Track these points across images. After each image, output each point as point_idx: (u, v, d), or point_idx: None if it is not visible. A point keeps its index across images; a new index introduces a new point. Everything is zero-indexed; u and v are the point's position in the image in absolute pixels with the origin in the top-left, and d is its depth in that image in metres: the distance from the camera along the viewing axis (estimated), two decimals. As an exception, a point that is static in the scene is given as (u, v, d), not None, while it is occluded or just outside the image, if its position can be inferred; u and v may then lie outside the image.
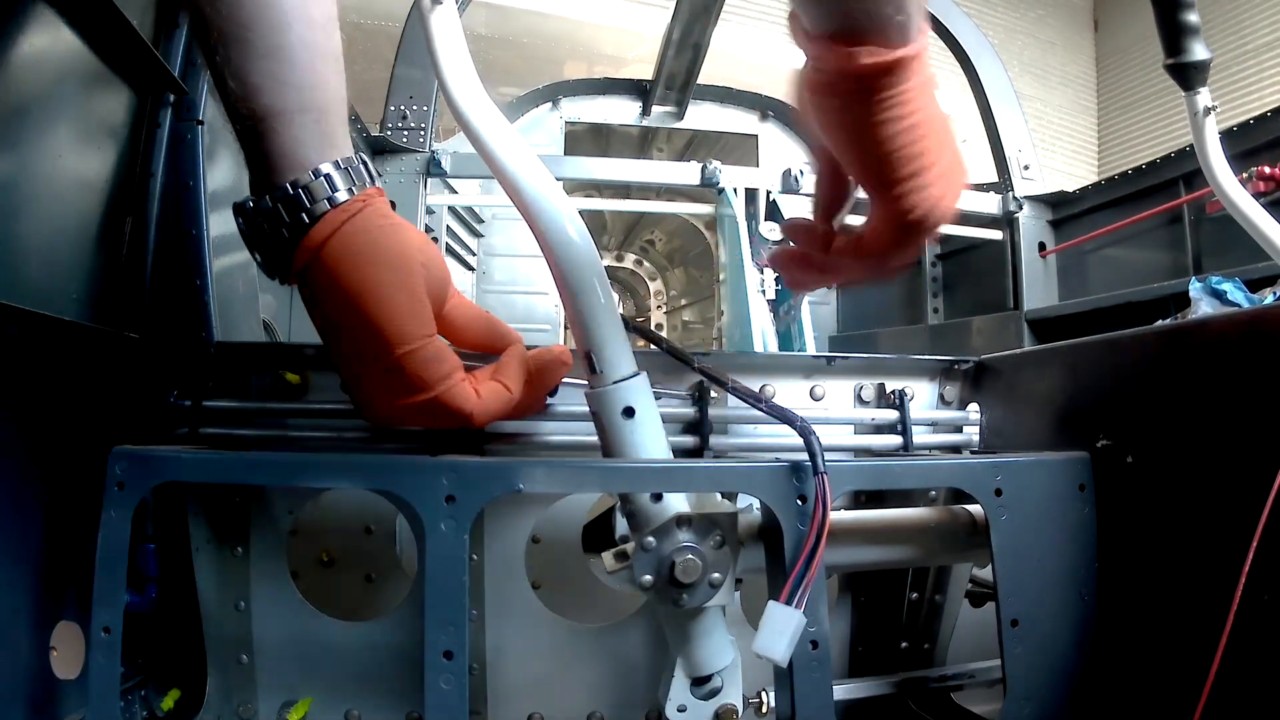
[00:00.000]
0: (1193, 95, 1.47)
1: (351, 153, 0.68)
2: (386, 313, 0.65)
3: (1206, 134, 1.48)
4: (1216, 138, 1.49)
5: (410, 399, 0.68)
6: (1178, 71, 1.44)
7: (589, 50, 5.05)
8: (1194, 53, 1.42)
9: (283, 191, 0.64)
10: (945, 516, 0.87)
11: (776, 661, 0.67)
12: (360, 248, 0.66)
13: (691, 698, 0.76)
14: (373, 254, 0.66)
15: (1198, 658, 0.64)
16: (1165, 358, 0.77)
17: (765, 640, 0.67)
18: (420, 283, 0.68)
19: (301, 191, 0.64)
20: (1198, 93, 1.47)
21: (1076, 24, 9.62)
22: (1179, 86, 1.47)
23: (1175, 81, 1.46)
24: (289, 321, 1.93)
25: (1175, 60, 1.43)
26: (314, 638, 0.93)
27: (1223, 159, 1.50)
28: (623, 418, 0.74)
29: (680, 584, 0.71)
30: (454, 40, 0.72)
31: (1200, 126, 1.48)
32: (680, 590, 0.72)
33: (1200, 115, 1.48)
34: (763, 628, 0.67)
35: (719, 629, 0.77)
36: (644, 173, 3.37)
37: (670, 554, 0.71)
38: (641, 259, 5.18)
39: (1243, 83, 7.72)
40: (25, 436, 0.79)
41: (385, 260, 0.67)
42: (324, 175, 0.65)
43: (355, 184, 0.67)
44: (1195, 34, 1.41)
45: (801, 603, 0.67)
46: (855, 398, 1.09)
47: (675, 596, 0.72)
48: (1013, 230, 2.91)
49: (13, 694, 0.75)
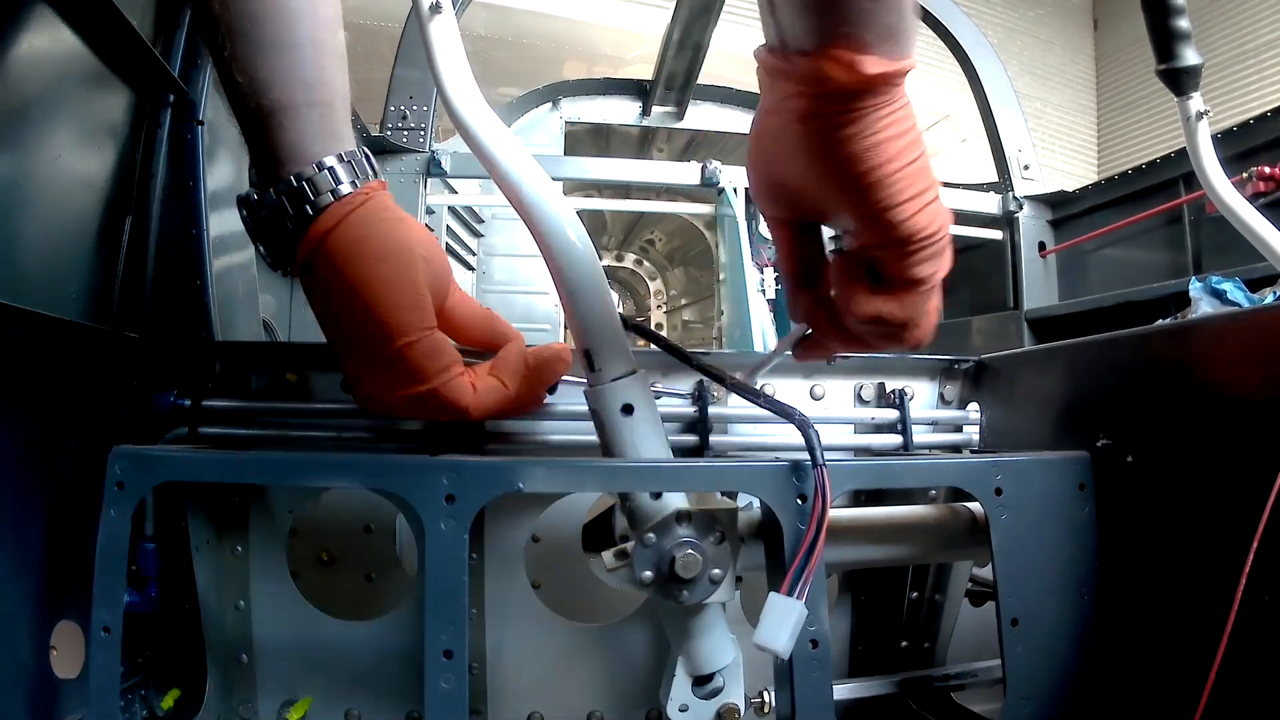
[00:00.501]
0: (1185, 100, 1.48)
1: (355, 147, 0.69)
2: (387, 304, 0.66)
3: (1200, 138, 1.48)
4: (1210, 142, 1.49)
5: (408, 390, 0.69)
6: (1169, 77, 1.45)
7: (589, 50, 5.04)
8: (1185, 58, 1.42)
9: (287, 184, 0.65)
10: (946, 514, 0.87)
11: (778, 653, 0.67)
12: (363, 240, 0.67)
13: (693, 697, 0.76)
14: (375, 246, 0.67)
15: (1198, 657, 0.64)
16: (1165, 358, 0.77)
17: (766, 632, 0.67)
18: (421, 276, 0.69)
19: (306, 184, 0.65)
20: (1190, 97, 1.47)
21: (1076, 23, 9.62)
22: (1171, 92, 1.48)
23: (1167, 87, 1.47)
24: (289, 321, 1.93)
25: (1167, 66, 1.44)
26: (314, 637, 0.93)
27: (1216, 163, 1.50)
28: (621, 415, 0.74)
29: (680, 579, 0.71)
30: (452, 48, 0.73)
31: (1193, 131, 1.49)
32: (680, 586, 0.72)
33: (1193, 120, 1.48)
34: (763, 620, 0.67)
35: (720, 626, 0.77)
36: (644, 173, 3.37)
37: (670, 550, 0.71)
38: (641, 259, 5.19)
39: (1242, 83, 7.72)
40: (25, 436, 0.79)
41: (387, 253, 0.67)
42: (328, 168, 0.66)
43: (359, 177, 0.68)
44: (1186, 39, 1.42)
45: (802, 594, 0.67)
46: (855, 397, 1.09)
47: (675, 593, 0.72)
48: (1013, 230, 2.91)
49: (13, 694, 0.75)
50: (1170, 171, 2.54)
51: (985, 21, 7.39)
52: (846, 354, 1.07)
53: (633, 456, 0.74)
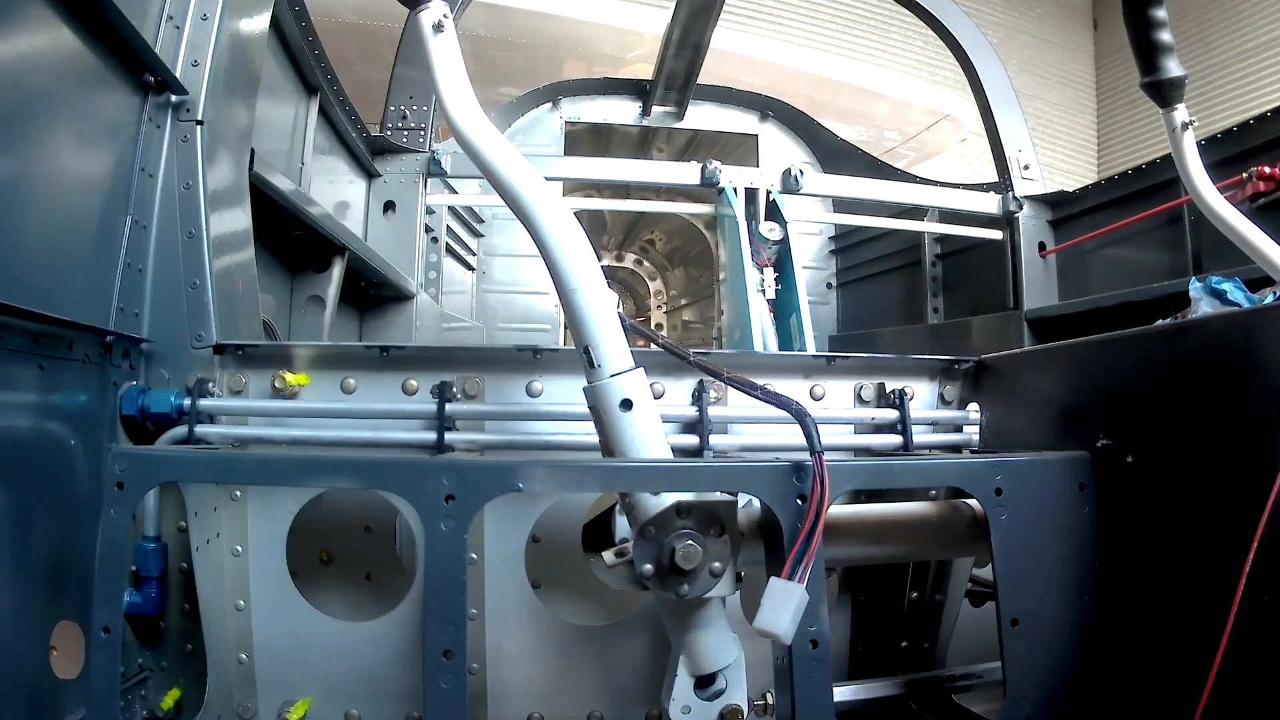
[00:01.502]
0: (1170, 111, 1.50)
1: None
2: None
3: (1185, 148, 1.50)
4: (1196, 151, 1.51)
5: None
6: (1154, 89, 1.48)
7: (589, 50, 5.03)
8: (1169, 70, 1.45)
9: None
10: (946, 510, 0.88)
11: (780, 638, 0.67)
12: None
13: (696, 698, 0.76)
14: None
15: (1198, 657, 0.64)
16: (1165, 358, 0.77)
17: (767, 616, 0.67)
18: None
19: None
20: (1175, 109, 1.49)
21: (1076, 23, 9.62)
22: (1156, 104, 1.49)
23: (1152, 99, 1.49)
24: (289, 321, 1.93)
25: (1152, 78, 1.47)
26: (314, 638, 0.93)
27: (1203, 172, 1.51)
28: (620, 410, 0.74)
29: (681, 571, 0.72)
30: (453, 65, 0.77)
31: (1179, 141, 1.50)
32: (681, 579, 0.72)
33: (1179, 130, 1.50)
34: (764, 604, 0.67)
35: (721, 623, 0.77)
36: (644, 173, 3.37)
37: (670, 541, 0.72)
38: (641, 259, 5.18)
39: (1241, 83, 7.71)
40: (26, 436, 0.79)
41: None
42: None
43: None
44: (1169, 52, 1.44)
45: (803, 579, 0.68)
46: (855, 397, 1.09)
47: (676, 585, 0.72)
48: (1013, 230, 2.91)
49: (13, 694, 0.75)
50: (1170, 172, 2.53)
51: (985, 21, 7.39)
52: (846, 355, 1.07)
53: (632, 452, 0.75)
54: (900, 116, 5.59)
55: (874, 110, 5.53)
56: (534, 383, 1.03)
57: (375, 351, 1.01)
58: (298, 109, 2.08)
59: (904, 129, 5.64)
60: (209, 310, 1.06)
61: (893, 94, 5.58)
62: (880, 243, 3.66)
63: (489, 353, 1.05)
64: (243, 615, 0.92)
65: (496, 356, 1.03)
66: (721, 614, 0.77)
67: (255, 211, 1.24)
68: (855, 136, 4.20)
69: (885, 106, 5.54)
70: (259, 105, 1.37)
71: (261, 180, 1.40)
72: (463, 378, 1.01)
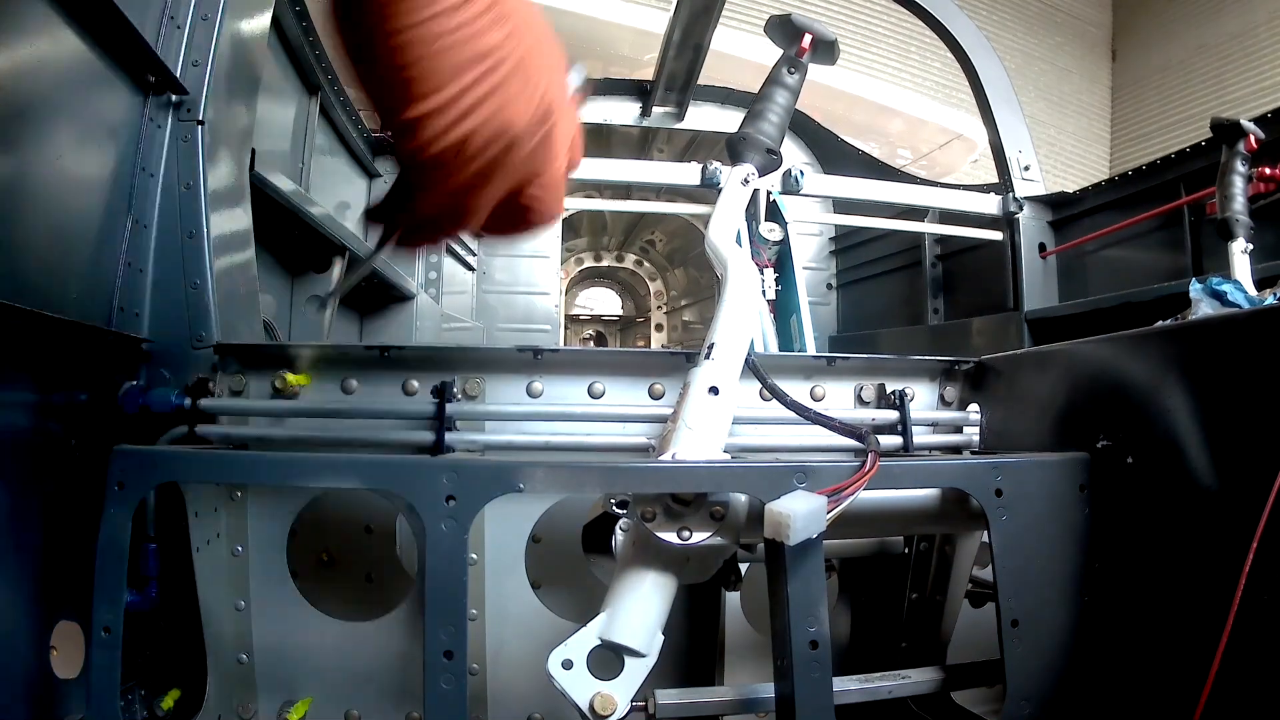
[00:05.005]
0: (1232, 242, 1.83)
1: None
2: None
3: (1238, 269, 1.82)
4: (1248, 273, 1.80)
5: None
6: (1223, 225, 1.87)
7: (606, 50, 5.01)
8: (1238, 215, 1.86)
9: None
10: (947, 492, 0.87)
11: (788, 522, 0.66)
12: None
13: (584, 663, 0.71)
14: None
15: (1197, 657, 0.64)
16: (1165, 358, 0.77)
17: (785, 502, 0.68)
18: None
19: None
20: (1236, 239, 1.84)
21: (1095, 53, 9.47)
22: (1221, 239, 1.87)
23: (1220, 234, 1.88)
24: (289, 321, 1.93)
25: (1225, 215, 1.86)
26: (314, 638, 0.93)
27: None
28: (708, 394, 0.80)
29: (683, 501, 0.73)
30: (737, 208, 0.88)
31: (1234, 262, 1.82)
32: (683, 509, 0.73)
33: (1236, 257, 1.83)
34: (784, 499, 0.68)
35: (658, 612, 0.74)
36: (644, 173, 3.36)
37: None
38: (642, 259, 5.18)
39: (1263, 53, 7.55)
40: (26, 436, 0.79)
41: None
42: None
43: None
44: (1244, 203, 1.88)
45: (832, 504, 0.69)
46: (855, 398, 1.09)
47: (676, 515, 0.73)
48: (1013, 231, 2.91)
49: (13, 694, 0.75)
50: (1171, 173, 2.53)
51: (1003, 46, 7.30)
52: (846, 355, 1.07)
53: (693, 428, 0.78)
54: (914, 134, 5.59)
55: (888, 126, 5.53)
56: (534, 383, 1.03)
57: (375, 352, 1.01)
58: (299, 109, 2.08)
59: (917, 147, 5.64)
60: (210, 310, 1.06)
61: (908, 111, 5.59)
62: (880, 243, 3.66)
63: (489, 353, 1.05)
64: (243, 615, 0.92)
65: (497, 357, 1.03)
66: (665, 606, 0.74)
67: (256, 212, 1.24)
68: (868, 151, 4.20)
69: (900, 123, 5.55)
70: (260, 105, 1.37)
71: (262, 180, 1.40)
72: (463, 378, 1.01)
